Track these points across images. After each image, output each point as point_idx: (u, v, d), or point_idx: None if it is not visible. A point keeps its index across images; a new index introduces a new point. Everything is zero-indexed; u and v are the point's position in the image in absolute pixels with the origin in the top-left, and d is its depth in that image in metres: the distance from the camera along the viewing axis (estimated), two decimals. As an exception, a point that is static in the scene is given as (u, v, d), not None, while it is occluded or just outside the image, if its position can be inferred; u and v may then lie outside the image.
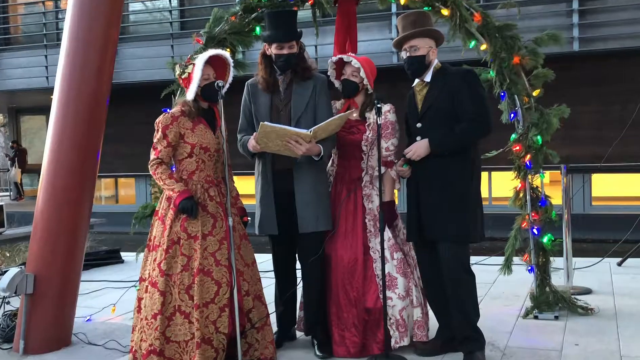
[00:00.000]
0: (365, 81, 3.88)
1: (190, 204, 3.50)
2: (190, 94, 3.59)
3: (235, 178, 3.93)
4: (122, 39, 13.21)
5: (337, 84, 4.04)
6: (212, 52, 3.63)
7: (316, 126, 3.64)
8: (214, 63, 3.64)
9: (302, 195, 3.78)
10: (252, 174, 3.99)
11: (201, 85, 3.59)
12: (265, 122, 3.60)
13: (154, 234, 3.65)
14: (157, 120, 3.63)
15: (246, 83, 3.98)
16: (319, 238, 3.83)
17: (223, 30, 4.73)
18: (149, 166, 3.59)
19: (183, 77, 3.63)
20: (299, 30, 3.83)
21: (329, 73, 4.01)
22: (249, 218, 3.88)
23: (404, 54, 3.73)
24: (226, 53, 3.71)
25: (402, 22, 3.71)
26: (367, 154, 3.89)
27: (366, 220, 3.88)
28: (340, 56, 3.95)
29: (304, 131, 3.62)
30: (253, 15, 4.73)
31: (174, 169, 3.69)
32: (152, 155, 3.59)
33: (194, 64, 3.58)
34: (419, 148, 3.62)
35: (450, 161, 3.59)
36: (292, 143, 3.61)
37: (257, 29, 4.74)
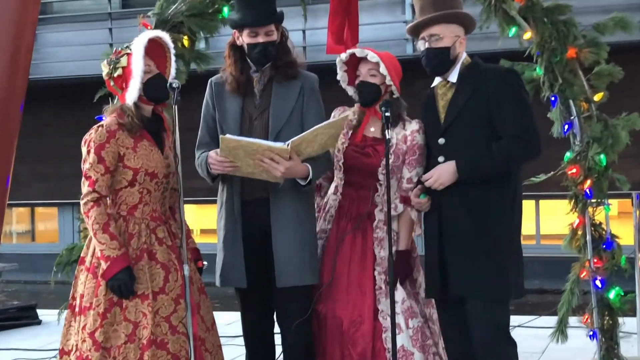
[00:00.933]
0: (388, 80, 3.87)
1: (123, 281, 3.42)
2: (131, 96, 3.54)
3: (190, 207, 3.91)
4: (44, 19, 13.22)
5: (350, 91, 4.03)
6: (150, 33, 3.62)
7: (297, 137, 3.63)
8: (149, 50, 3.61)
9: (282, 235, 3.76)
10: (215, 201, 3.98)
11: (143, 80, 3.57)
12: (227, 135, 3.59)
13: (80, 291, 3.58)
14: (86, 137, 3.58)
15: (209, 81, 3.98)
16: (306, 294, 3.81)
17: (179, 11, 4.75)
18: (82, 203, 3.54)
19: (116, 75, 3.58)
20: (278, 10, 3.84)
21: (339, 77, 3.99)
22: (205, 263, 3.85)
23: (421, 45, 3.74)
24: (166, 35, 3.71)
25: (420, 0, 3.73)
26: (384, 184, 3.89)
27: (376, 273, 3.88)
28: (352, 51, 3.92)
29: (279, 145, 3.61)
30: (219, -8, 4.77)
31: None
32: (86, 187, 3.53)
33: (128, 54, 3.56)
34: (443, 174, 3.62)
35: (484, 190, 3.59)
36: (265, 162, 3.61)
37: (225, 9, 4.76)
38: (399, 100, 3.93)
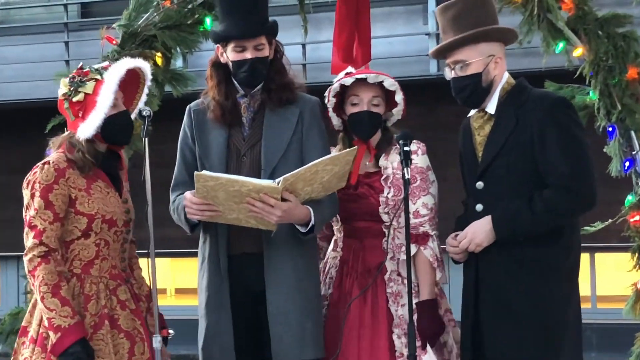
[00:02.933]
0: (398, 109, 3.97)
1: (77, 356, 3.40)
2: (86, 130, 3.57)
3: (161, 261, 3.91)
4: (-14, 31, 13.33)
5: (335, 120, 4.07)
6: (130, 63, 3.65)
7: (290, 174, 3.61)
8: (121, 80, 3.64)
9: (279, 300, 3.76)
10: (193, 253, 3.97)
11: (107, 115, 3.58)
12: (203, 172, 3.59)
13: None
14: (29, 177, 3.58)
15: (188, 108, 4.00)
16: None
17: (151, 23, 4.79)
18: (26, 260, 3.53)
19: (75, 99, 3.61)
20: (271, 20, 3.86)
21: (330, 104, 4.01)
22: (171, 331, 3.82)
23: (447, 73, 3.77)
24: (147, 66, 3.75)
25: (441, 17, 3.74)
26: (391, 226, 3.90)
27: (395, 337, 3.87)
28: (363, 75, 3.93)
29: (267, 182, 3.61)
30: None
31: None
32: (30, 240, 3.52)
33: (97, 80, 3.59)
34: (478, 233, 3.64)
35: (529, 245, 3.60)
36: (256, 206, 3.59)
37: (207, 20, 4.80)
38: (389, 128, 4.03)
